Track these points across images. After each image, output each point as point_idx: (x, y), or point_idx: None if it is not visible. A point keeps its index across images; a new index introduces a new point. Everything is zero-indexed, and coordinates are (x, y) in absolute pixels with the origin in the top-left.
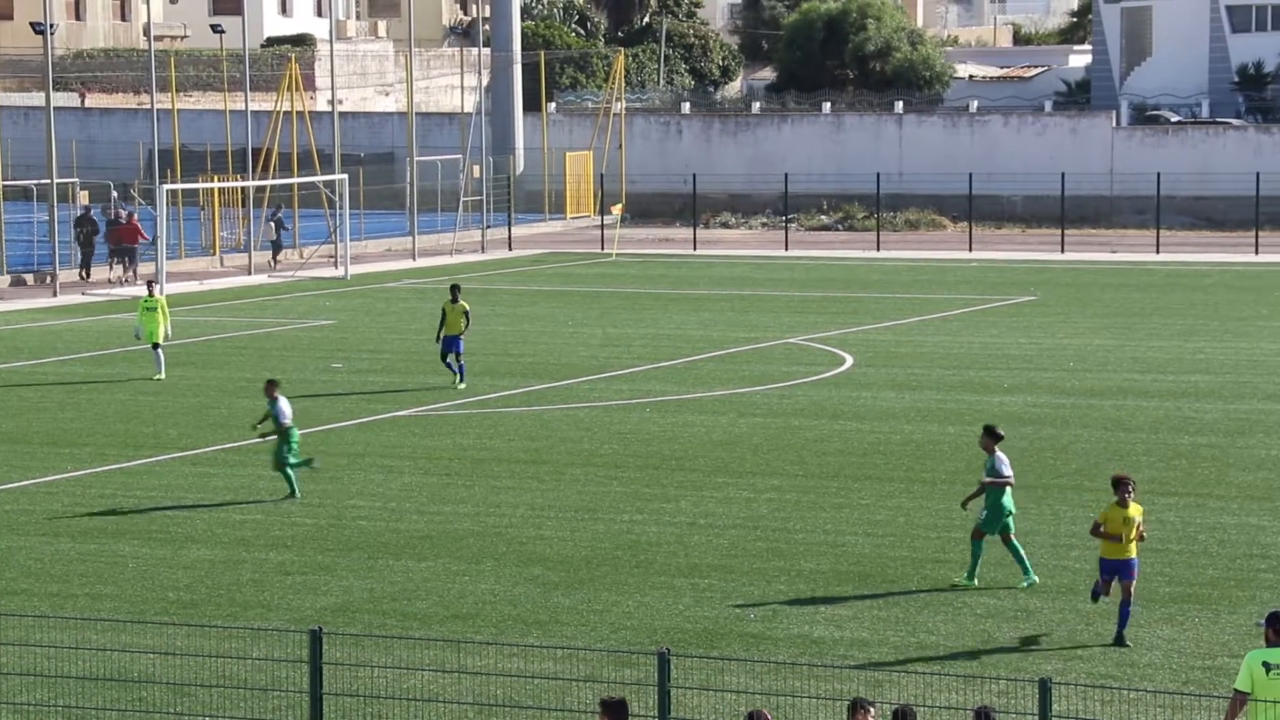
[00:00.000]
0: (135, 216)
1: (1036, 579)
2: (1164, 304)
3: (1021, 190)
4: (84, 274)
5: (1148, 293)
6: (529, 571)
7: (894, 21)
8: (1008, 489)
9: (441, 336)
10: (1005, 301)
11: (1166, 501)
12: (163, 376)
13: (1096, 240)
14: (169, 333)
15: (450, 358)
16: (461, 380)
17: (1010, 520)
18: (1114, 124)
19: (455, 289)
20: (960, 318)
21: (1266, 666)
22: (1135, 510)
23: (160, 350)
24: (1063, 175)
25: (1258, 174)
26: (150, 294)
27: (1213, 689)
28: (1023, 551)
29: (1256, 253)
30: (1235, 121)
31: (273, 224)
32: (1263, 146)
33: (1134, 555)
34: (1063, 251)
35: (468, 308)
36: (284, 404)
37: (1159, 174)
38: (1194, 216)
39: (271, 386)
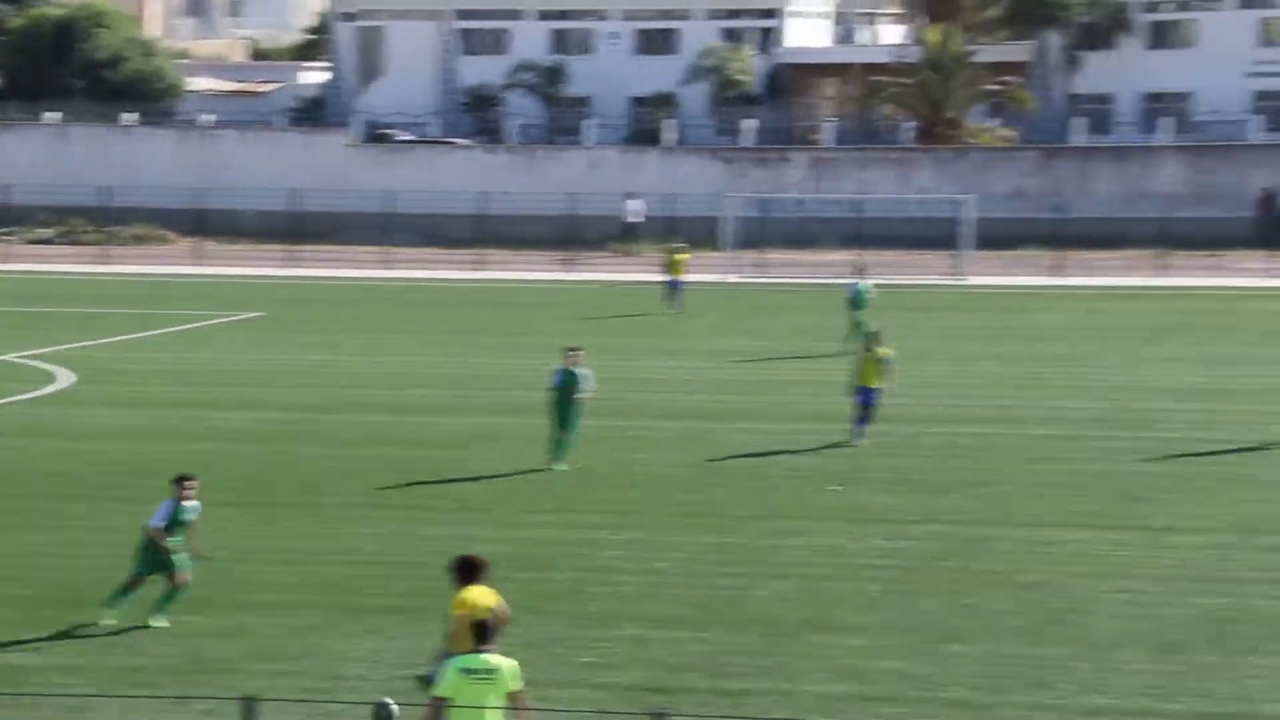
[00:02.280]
0: None
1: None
2: (396, 319)
3: (255, 205)
4: None
5: (379, 307)
6: None
7: (126, 31)
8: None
9: None
10: (235, 317)
11: (385, 514)
12: None
13: (330, 256)
14: None
15: None
16: None
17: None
18: (347, 141)
19: None
20: (188, 333)
21: (466, 671)
22: None
23: None
24: (295, 191)
25: (485, 193)
26: None
27: (415, 698)
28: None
29: (481, 270)
30: (463, 141)
31: None
32: (489, 166)
33: None
34: (296, 267)
35: None
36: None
37: (391, 191)
38: (425, 233)
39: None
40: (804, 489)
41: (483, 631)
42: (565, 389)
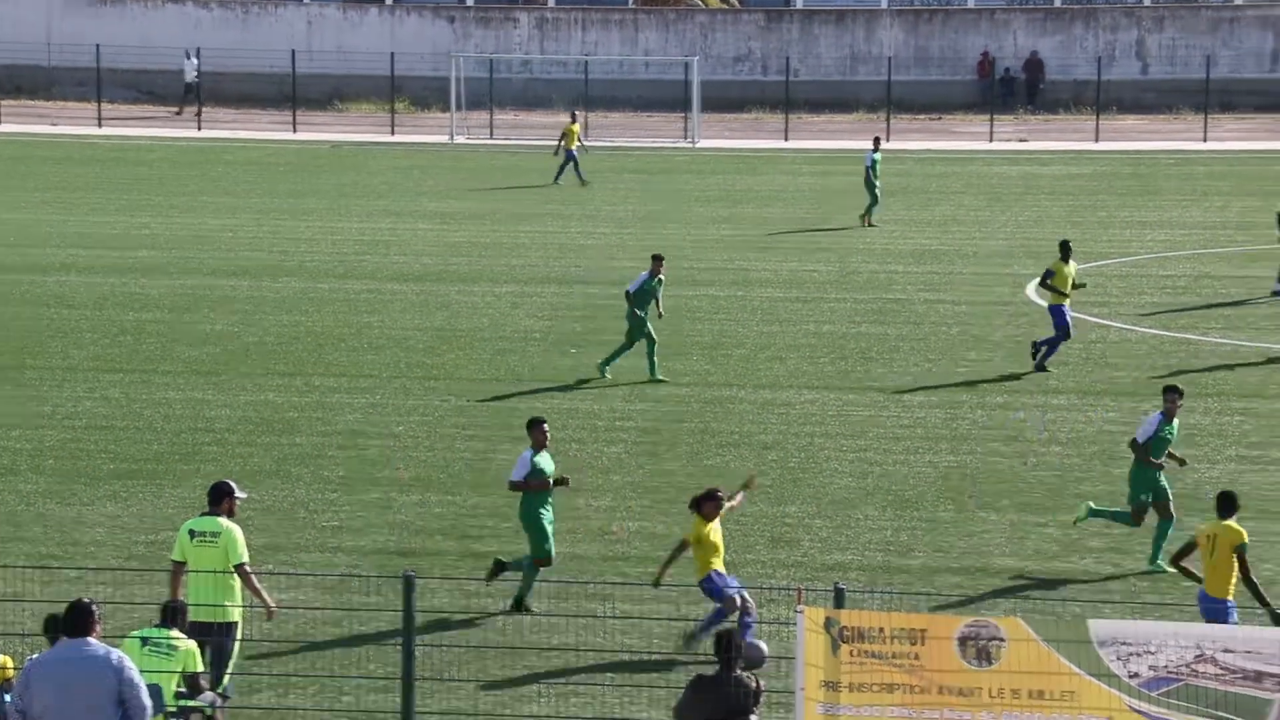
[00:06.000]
0: None
1: None
2: (108, 179)
3: None
4: None
5: (91, 167)
6: None
7: None
8: None
9: None
10: None
11: (111, 378)
12: None
13: (35, 112)
14: None
15: None
16: None
17: None
18: None
19: None
20: None
21: (192, 534)
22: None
23: None
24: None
25: (198, 49)
26: None
27: (155, 563)
28: None
29: (199, 129)
30: None
31: None
32: (203, 22)
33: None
34: (4, 123)
35: None
36: None
37: (98, 45)
38: (137, 90)
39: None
40: (541, 352)
41: (211, 493)
42: (644, 297)
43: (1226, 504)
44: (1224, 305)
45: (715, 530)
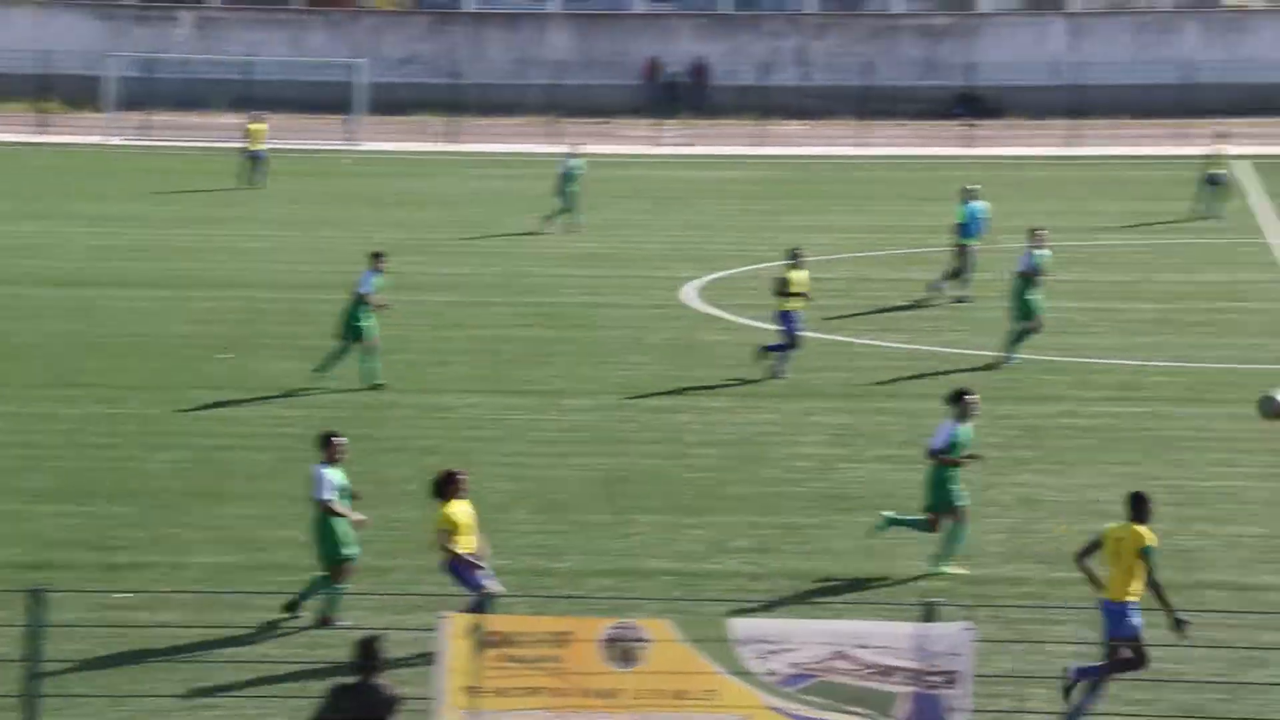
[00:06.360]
0: None
1: None
2: None
3: None
4: None
5: None
6: None
7: None
8: None
9: None
10: None
11: None
12: None
13: None
14: None
15: None
16: None
17: None
18: None
19: None
20: None
21: None
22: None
23: None
24: None
25: None
26: None
27: None
28: None
29: None
30: None
31: None
32: None
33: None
34: None
35: None
36: None
37: None
38: None
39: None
40: (195, 357)
41: None
42: (359, 303)
43: (1137, 506)
44: (881, 310)
45: (457, 510)
